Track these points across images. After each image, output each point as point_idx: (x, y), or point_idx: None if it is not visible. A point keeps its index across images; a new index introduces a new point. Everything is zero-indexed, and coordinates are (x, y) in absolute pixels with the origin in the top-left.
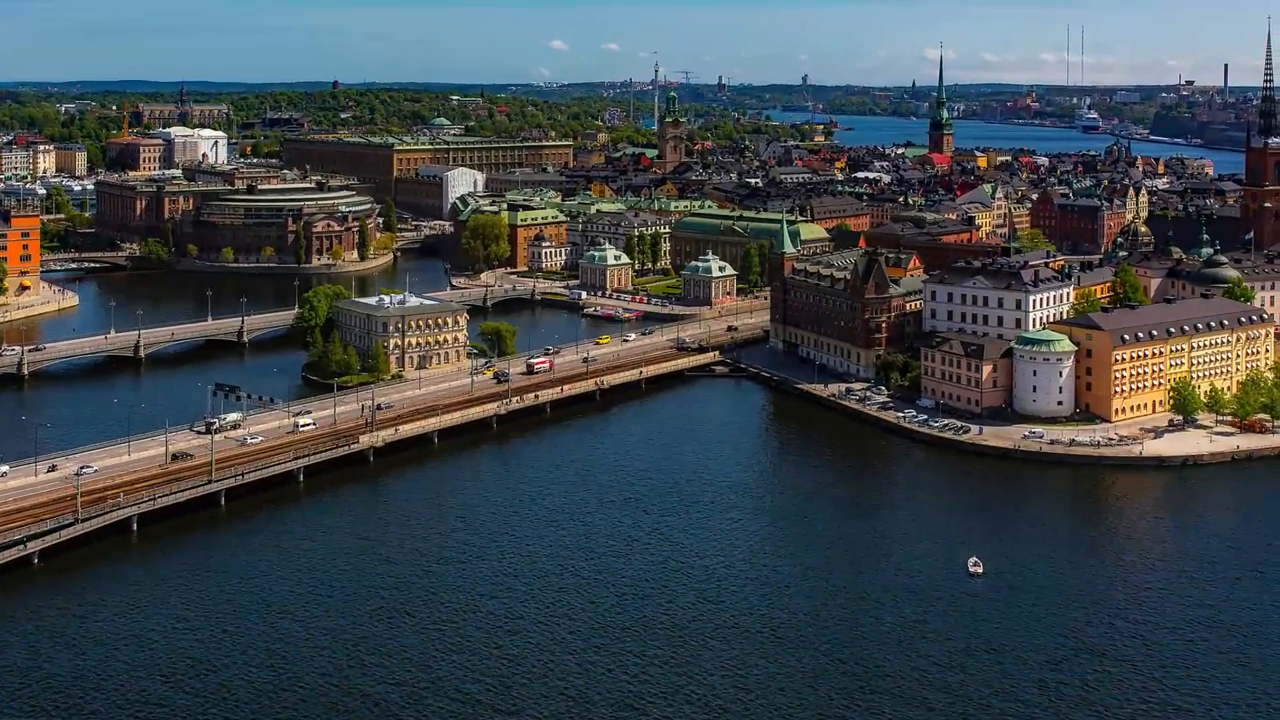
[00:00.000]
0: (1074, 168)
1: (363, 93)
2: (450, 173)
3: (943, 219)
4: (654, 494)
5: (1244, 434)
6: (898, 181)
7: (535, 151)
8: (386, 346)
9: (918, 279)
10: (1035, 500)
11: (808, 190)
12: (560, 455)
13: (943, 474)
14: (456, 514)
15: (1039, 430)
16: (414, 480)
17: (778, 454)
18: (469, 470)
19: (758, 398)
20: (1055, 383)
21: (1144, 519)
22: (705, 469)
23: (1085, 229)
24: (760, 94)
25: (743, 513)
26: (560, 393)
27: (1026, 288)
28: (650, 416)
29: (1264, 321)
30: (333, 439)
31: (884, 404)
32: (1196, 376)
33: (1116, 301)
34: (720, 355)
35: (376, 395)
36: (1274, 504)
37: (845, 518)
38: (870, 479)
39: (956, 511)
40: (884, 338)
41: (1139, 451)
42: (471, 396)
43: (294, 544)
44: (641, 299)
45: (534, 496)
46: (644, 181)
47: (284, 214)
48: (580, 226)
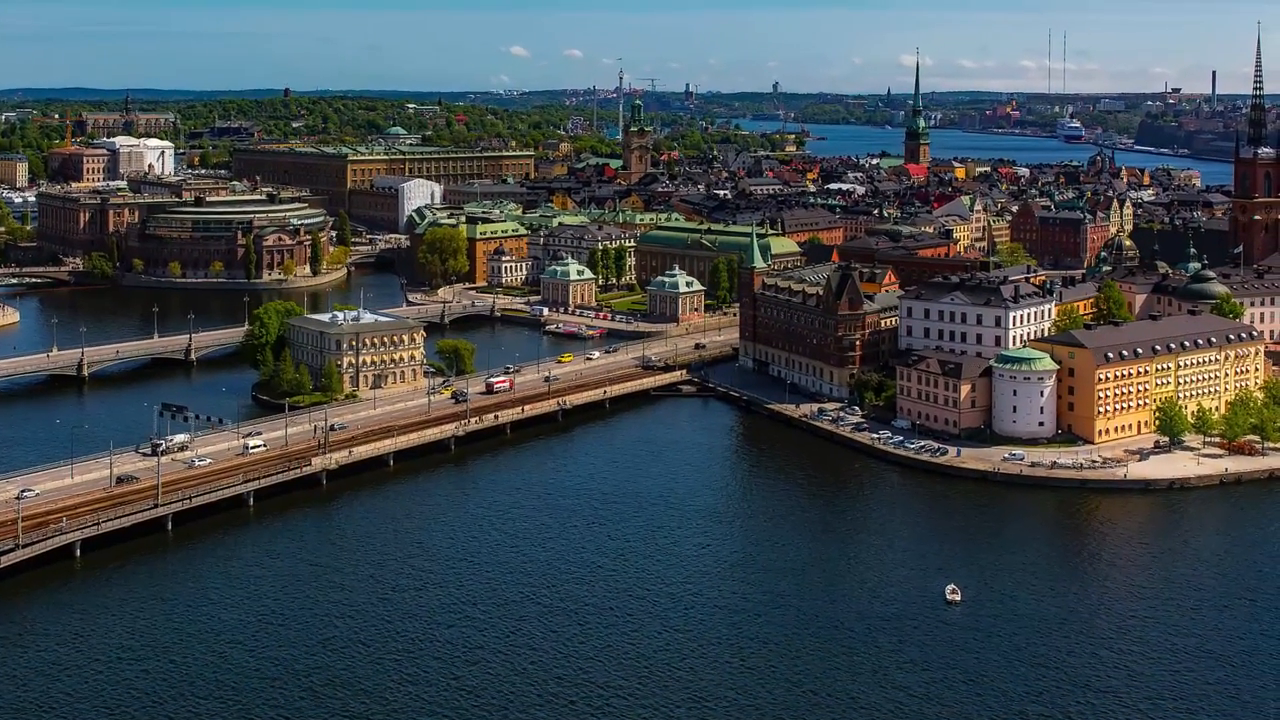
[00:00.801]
0: (1056, 179)
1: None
2: (406, 184)
3: (919, 232)
4: (618, 518)
5: (1233, 456)
6: (872, 193)
7: (495, 162)
8: (340, 365)
9: (893, 295)
10: (1015, 525)
11: (778, 202)
12: (521, 478)
13: (919, 498)
14: (413, 539)
15: (1019, 452)
16: (369, 504)
17: (747, 477)
18: (426, 494)
19: (726, 418)
20: (1036, 403)
21: (1129, 544)
22: (672, 492)
23: (1067, 243)
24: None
25: (711, 538)
26: (521, 413)
27: (1006, 304)
28: (614, 438)
29: (1253, 339)
30: (284, 461)
31: (858, 425)
32: (1183, 396)
33: (1100, 318)
34: (687, 374)
35: (330, 416)
36: (1264, 529)
37: (818, 543)
38: (844, 503)
39: (933, 536)
40: (858, 356)
41: (1123, 474)
42: (428, 417)
43: (244, 570)
44: (606, 315)
45: (493, 521)
46: (608, 193)
47: (233, 227)
48: (542, 240)
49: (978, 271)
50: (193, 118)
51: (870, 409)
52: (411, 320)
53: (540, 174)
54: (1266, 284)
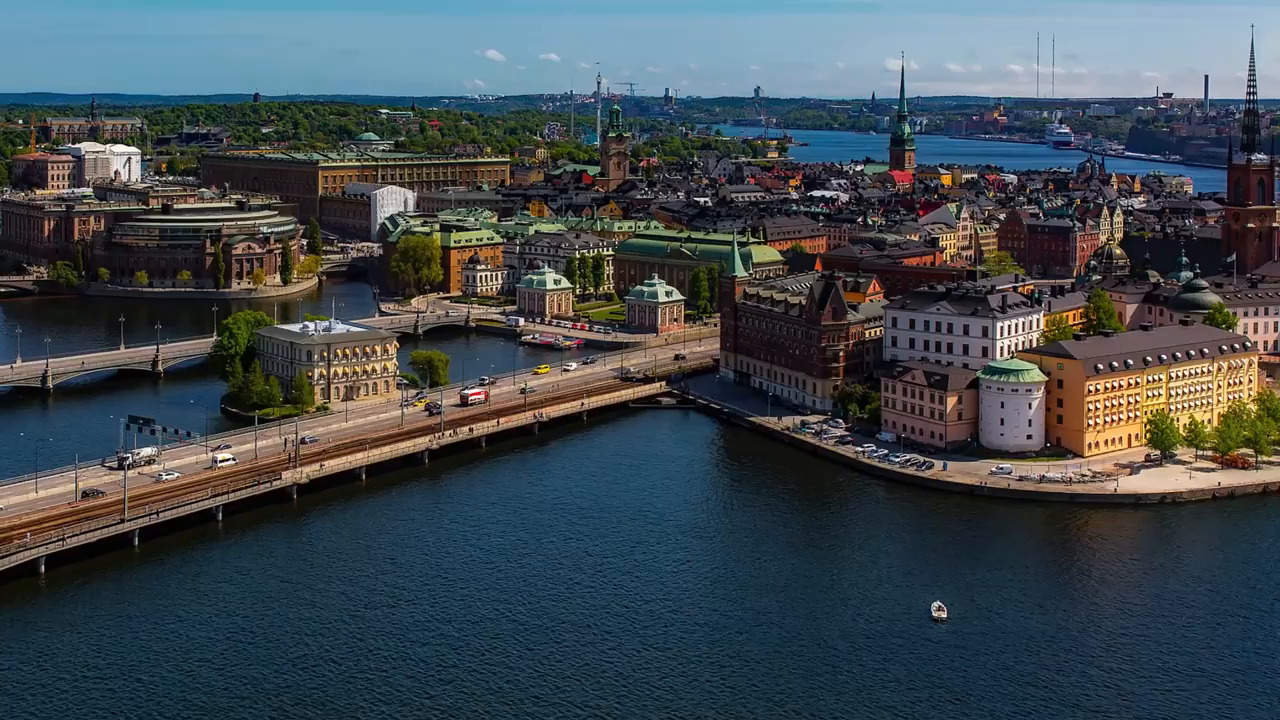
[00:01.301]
0: (1044, 186)
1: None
2: (379, 191)
3: (904, 240)
4: (596, 533)
5: (1226, 470)
6: (856, 200)
7: (469, 168)
8: (311, 377)
9: (878, 304)
10: (1003, 540)
11: (760, 210)
12: (496, 492)
13: (904, 512)
14: (385, 555)
15: (1007, 466)
16: (340, 519)
17: (728, 491)
18: (399, 508)
19: (707, 431)
20: (1024, 415)
21: (1119, 560)
22: (651, 507)
23: (1056, 251)
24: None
25: (691, 553)
26: (496, 426)
27: (993, 314)
28: (592, 451)
29: (1247, 350)
30: (253, 475)
31: (842, 438)
32: (1175, 408)
33: (1090, 329)
34: (667, 386)
35: (300, 428)
36: (1257, 544)
37: (800, 559)
38: (827, 518)
39: (919, 552)
40: (841, 367)
41: (1114, 488)
42: (401, 430)
43: (212, 587)
44: (583, 326)
45: (468, 536)
46: (586, 201)
47: (201, 235)
48: (518, 248)
49: (964, 281)
50: (160, 123)
51: (854, 422)
52: (384, 331)
53: (516, 181)
54: (1260, 293)
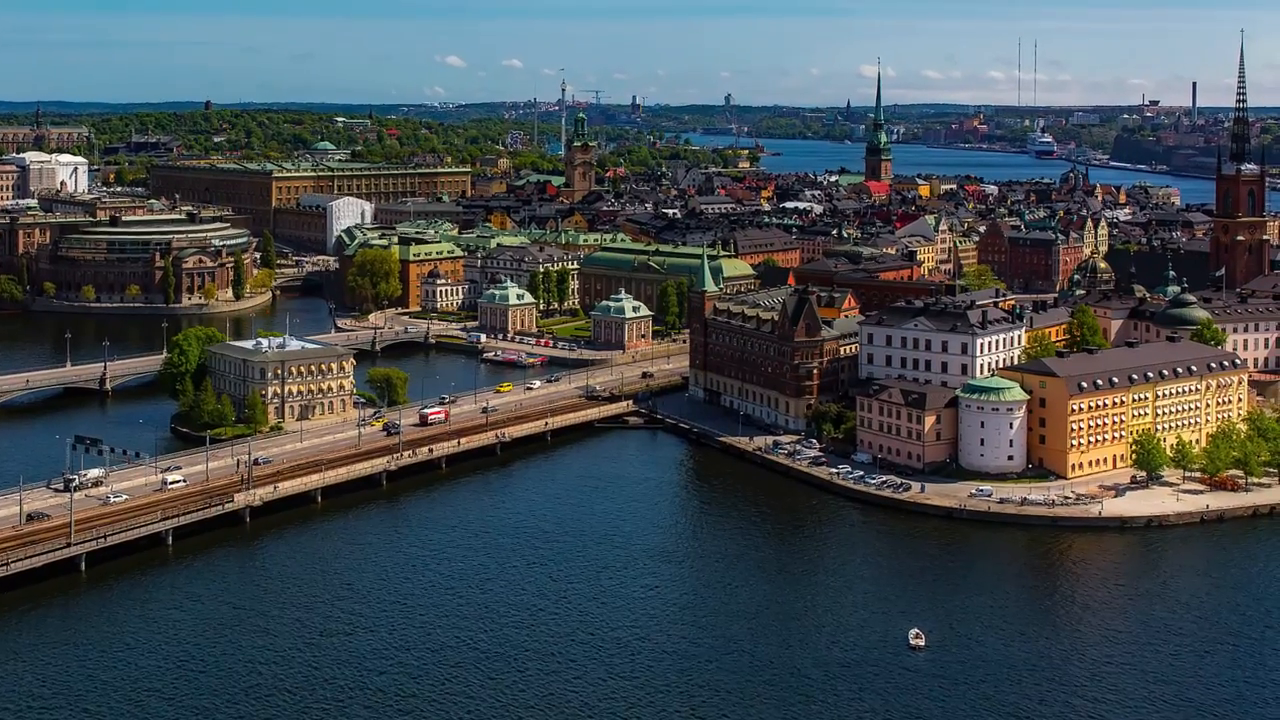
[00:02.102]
0: (1026, 197)
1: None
2: (335, 202)
3: (880, 254)
4: (561, 558)
5: (1214, 492)
6: (831, 212)
7: (429, 179)
8: (264, 395)
9: (853, 320)
10: (983, 565)
11: (731, 222)
12: (457, 515)
13: (881, 536)
14: (342, 580)
15: (987, 488)
16: (295, 543)
17: (698, 514)
18: (356, 532)
19: (676, 452)
20: (1005, 435)
21: (1103, 586)
22: (617, 531)
23: (1038, 265)
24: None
25: (659, 579)
26: (457, 446)
27: (973, 330)
28: (557, 473)
29: (1236, 367)
30: (205, 498)
31: (816, 459)
32: (1162, 428)
33: (1073, 345)
34: (634, 405)
35: (253, 449)
36: (1247, 569)
37: (773, 585)
38: (800, 542)
39: (896, 578)
40: (815, 385)
41: (1098, 511)
42: (358, 450)
43: (162, 614)
44: (547, 342)
45: (427, 560)
46: (550, 212)
47: (151, 248)
48: (479, 262)
49: (943, 296)
50: (108, 132)
51: (829, 442)
52: (340, 348)
53: (477, 192)
54: (1250, 309)
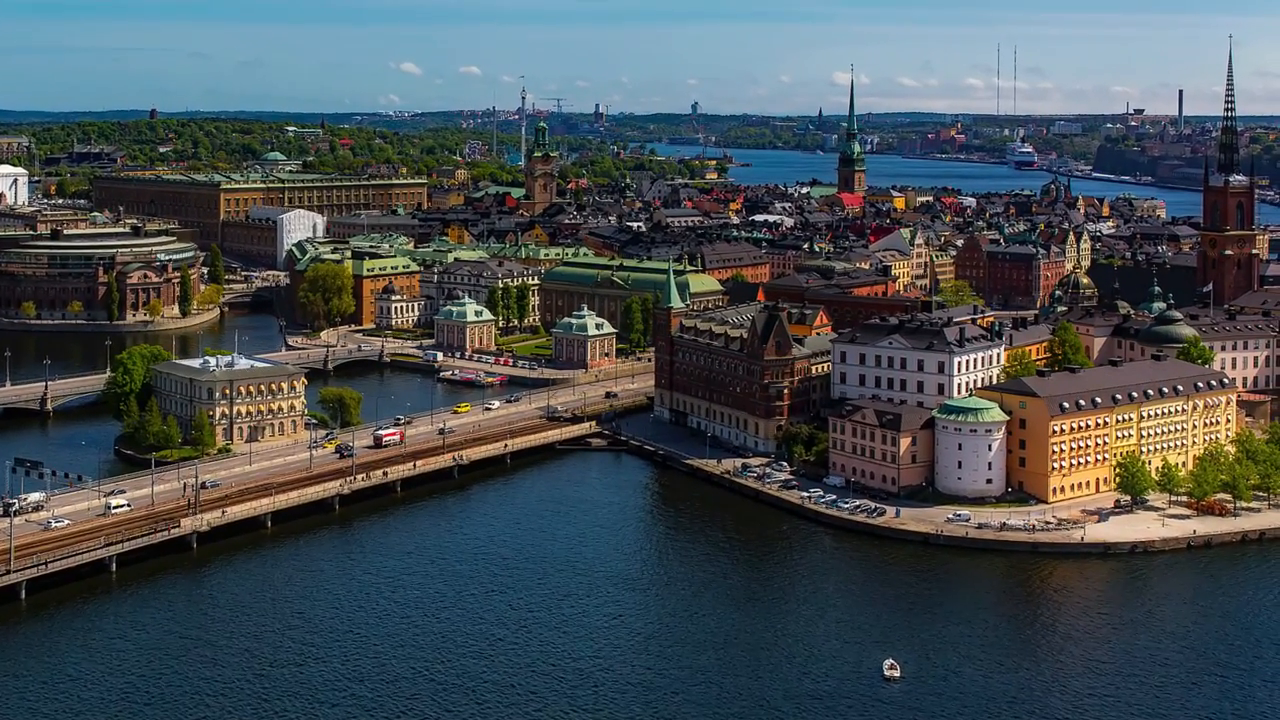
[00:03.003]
0: (1005, 209)
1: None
2: (285, 215)
3: (854, 269)
4: (521, 585)
5: (1201, 517)
6: (802, 225)
7: (384, 190)
8: (212, 416)
9: (825, 338)
10: (961, 593)
11: (698, 235)
12: (412, 541)
13: (854, 563)
14: (293, 608)
15: (965, 513)
16: (244, 570)
17: (663, 540)
18: (307, 558)
19: (641, 475)
20: (984, 458)
21: (1086, 614)
22: (580, 557)
23: (1018, 280)
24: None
25: (623, 607)
26: (412, 469)
27: (950, 348)
28: (516, 496)
29: (1224, 387)
30: (150, 523)
31: (786, 482)
32: (1147, 450)
33: (1054, 364)
34: (597, 426)
35: (201, 472)
36: (1235, 597)
37: (742, 613)
38: (770, 569)
39: (870, 606)
40: (786, 406)
41: (1080, 537)
42: (310, 473)
43: (106, 643)
44: (506, 361)
45: (382, 588)
46: (509, 225)
47: (94, 263)
48: (436, 277)
49: (919, 312)
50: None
51: (800, 465)
52: (291, 366)
53: (434, 204)
54: (1239, 326)
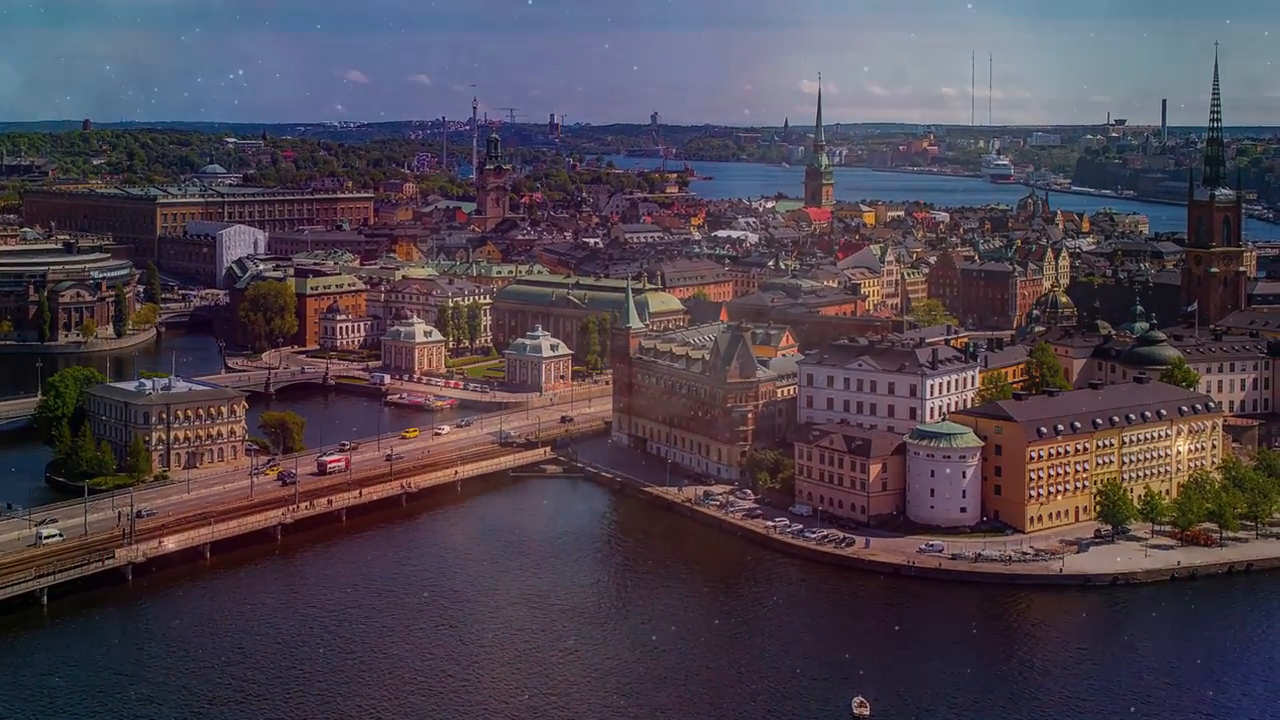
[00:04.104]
0: (980, 225)
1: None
2: (225, 231)
3: (821, 287)
4: (472, 619)
5: (1186, 547)
6: (767, 241)
7: (328, 205)
8: (148, 441)
9: (791, 360)
10: (933, 627)
11: (658, 252)
12: (358, 572)
13: (822, 595)
14: (233, 644)
15: (938, 543)
16: (181, 603)
17: (622, 571)
18: (248, 591)
19: (598, 503)
20: (958, 485)
21: (1065, 649)
22: (534, 589)
23: (994, 299)
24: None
25: (580, 641)
26: (358, 497)
27: (923, 370)
28: (467, 526)
29: (1210, 411)
30: (83, 553)
31: (750, 511)
32: (1129, 478)
33: (1032, 387)
34: (552, 452)
35: (136, 500)
36: (1221, 631)
37: (704, 648)
38: (734, 601)
39: (838, 640)
40: (750, 431)
41: (1059, 568)
42: (251, 502)
43: (36, 680)
44: (457, 384)
45: (326, 623)
46: (460, 242)
47: (24, 281)
48: (383, 296)
49: (890, 333)
50: None
51: (765, 492)
52: (231, 390)
53: (381, 219)
54: (1225, 347)
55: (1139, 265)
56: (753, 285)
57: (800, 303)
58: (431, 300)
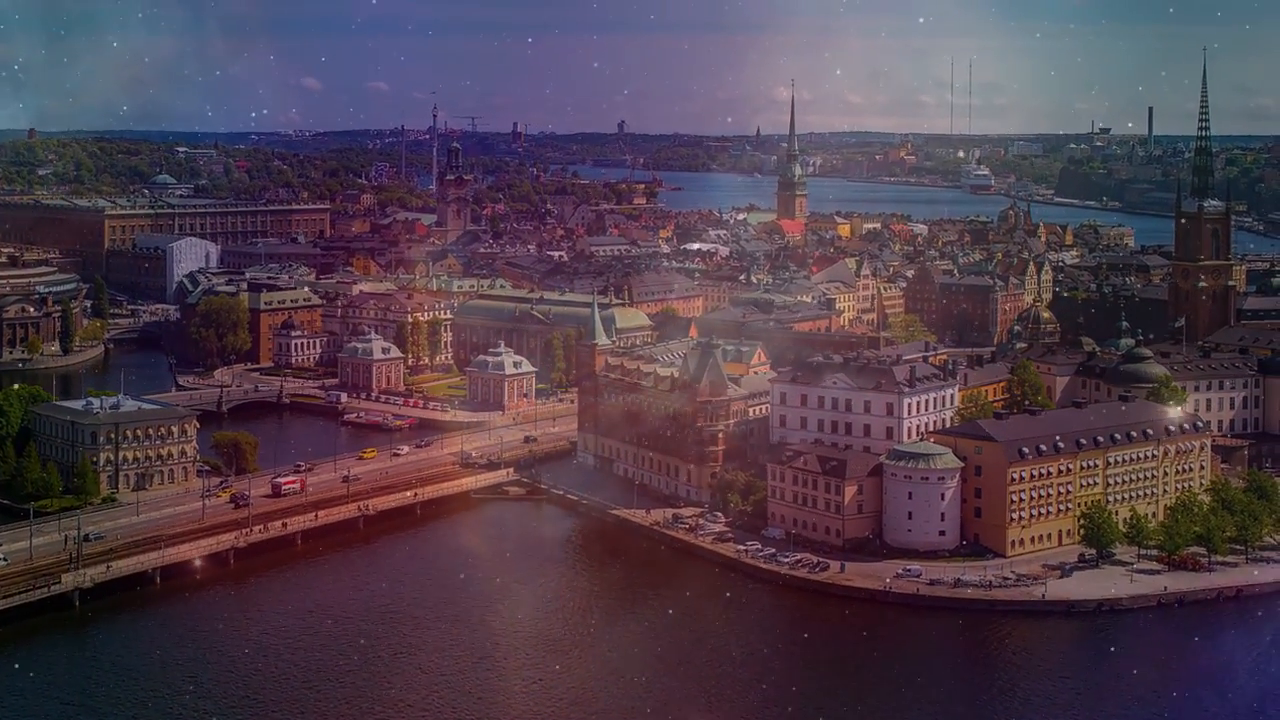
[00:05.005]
0: (960, 237)
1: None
2: (176, 244)
3: (795, 302)
4: (432, 647)
5: (1173, 572)
6: (738, 254)
7: (283, 217)
8: (96, 462)
9: (763, 377)
10: (911, 655)
11: (625, 265)
12: (314, 598)
13: (795, 622)
14: (184, 671)
15: (916, 567)
16: (131, 629)
17: (587, 597)
18: (200, 617)
19: (562, 525)
20: (936, 508)
21: (1048, 678)
22: (496, 615)
23: (974, 314)
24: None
25: (544, 671)
26: (314, 520)
27: (900, 388)
28: (427, 549)
29: (1198, 431)
30: (28, 578)
31: (721, 534)
32: (1114, 500)
33: (1013, 406)
34: (515, 473)
35: (83, 523)
36: (1210, 659)
37: (673, 677)
38: (704, 628)
39: (812, 669)
40: (721, 451)
41: (1041, 594)
42: (203, 525)
43: None
44: (417, 402)
45: (280, 650)
46: (420, 255)
47: None
48: (339, 311)
49: (865, 350)
50: None
51: (736, 515)
52: (182, 408)
53: (338, 231)
54: (1214, 365)
55: (1124, 279)
56: (724, 300)
57: (773, 318)
58: (390, 316)
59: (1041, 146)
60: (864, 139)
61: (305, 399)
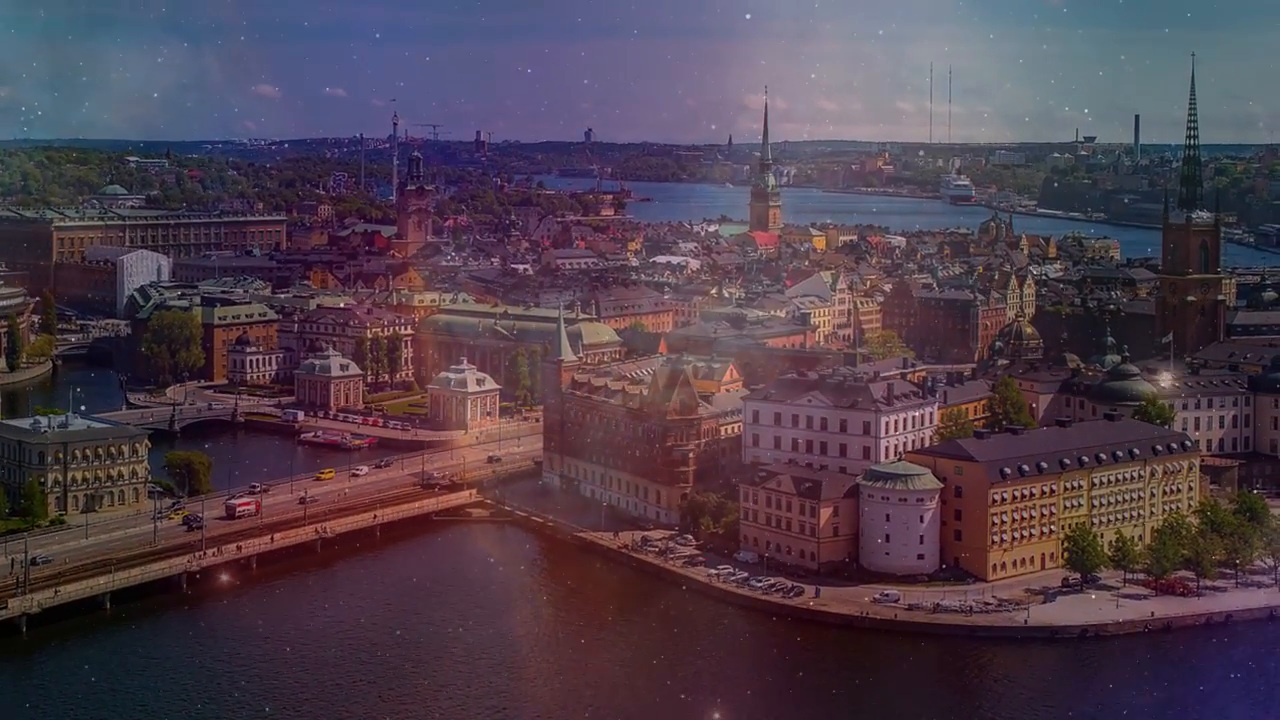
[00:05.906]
0: (939, 250)
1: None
2: (127, 256)
3: (768, 317)
4: (392, 673)
5: (1160, 597)
6: (709, 268)
7: (237, 228)
8: (44, 483)
9: (736, 395)
10: (889, 682)
11: (593, 279)
12: (270, 624)
13: (768, 648)
14: (134, 700)
15: (893, 592)
16: (80, 656)
17: (553, 623)
18: (152, 643)
19: (527, 548)
20: (915, 530)
21: (1031, 706)
22: (458, 641)
23: (954, 330)
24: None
25: (507, 699)
26: (270, 543)
27: (877, 406)
28: (387, 573)
29: (1186, 451)
30: None
31: (692, 558)
32: (1099, 522)
33: (995, 424)
34: (478, 494)
35: (31, 546)
36: (1198, 687)
37: (642, 706)
38: (675, 654)
39: (786, 698)
40: (691, 472)
41: (1024, 619)
42: (154, 548)
43: None
44: (376, 421)
45: (234, 677)
46: (379, 268)
47: None
48: (296, 327)
49: (841, 366)
50: None
51: (707, 538)
52: (133, 427)
53: (294, 244)
54: (1203, 382)
55: (1110, 293)
56: (694, 315)
57: (745, 334)
58: (348, 331)
59: (1024, 156)
60: (840, 148)
61: (261, 417)
